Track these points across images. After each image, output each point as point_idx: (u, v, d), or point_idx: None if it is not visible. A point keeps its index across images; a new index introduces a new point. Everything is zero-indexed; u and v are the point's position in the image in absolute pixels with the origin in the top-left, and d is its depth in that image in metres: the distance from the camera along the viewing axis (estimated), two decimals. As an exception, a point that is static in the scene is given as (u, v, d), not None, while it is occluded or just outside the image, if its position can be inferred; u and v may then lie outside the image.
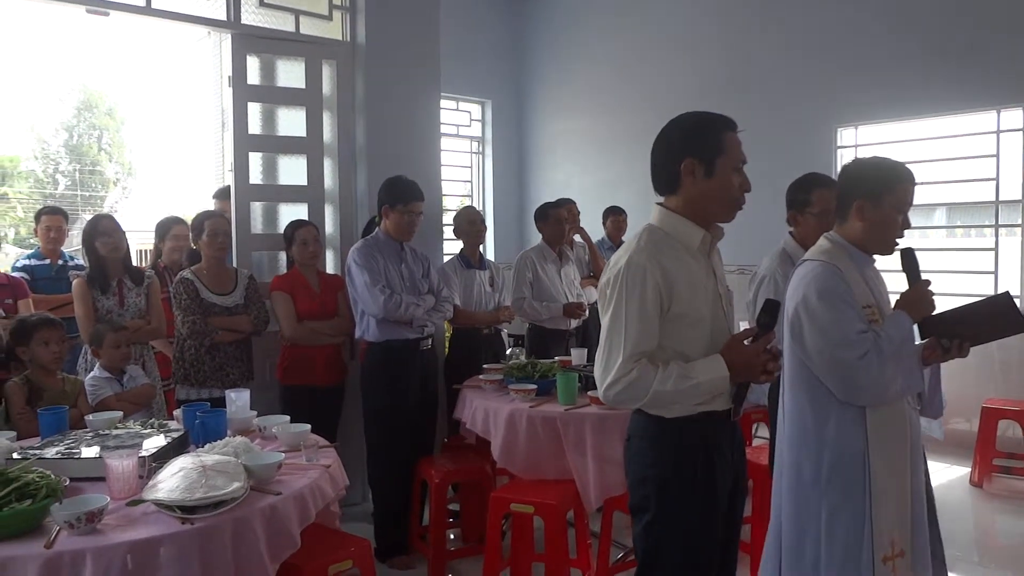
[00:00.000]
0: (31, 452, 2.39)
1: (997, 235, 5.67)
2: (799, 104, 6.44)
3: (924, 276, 2.27)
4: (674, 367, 1.93)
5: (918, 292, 2.23)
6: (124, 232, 3.99)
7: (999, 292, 2.50)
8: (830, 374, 2.13)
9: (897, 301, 2.25)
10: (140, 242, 15.70)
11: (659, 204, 2.11)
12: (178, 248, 4.61)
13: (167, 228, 4.68)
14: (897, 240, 2.26)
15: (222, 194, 4.98)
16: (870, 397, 2.12)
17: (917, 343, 2.21)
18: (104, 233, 3.84)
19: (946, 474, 5.14)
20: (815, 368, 2.17)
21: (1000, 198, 5.65)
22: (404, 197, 3.87)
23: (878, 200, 2.19)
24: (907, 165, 2.25)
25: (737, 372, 1.95)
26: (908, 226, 2.25)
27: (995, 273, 5.66)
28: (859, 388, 2.10)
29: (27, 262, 4.91)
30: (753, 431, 4.78)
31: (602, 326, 2.02)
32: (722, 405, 2.02)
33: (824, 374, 2.15)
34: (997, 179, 5.64)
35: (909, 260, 2.28)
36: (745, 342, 1.99)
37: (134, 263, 4.12)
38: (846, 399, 2.13)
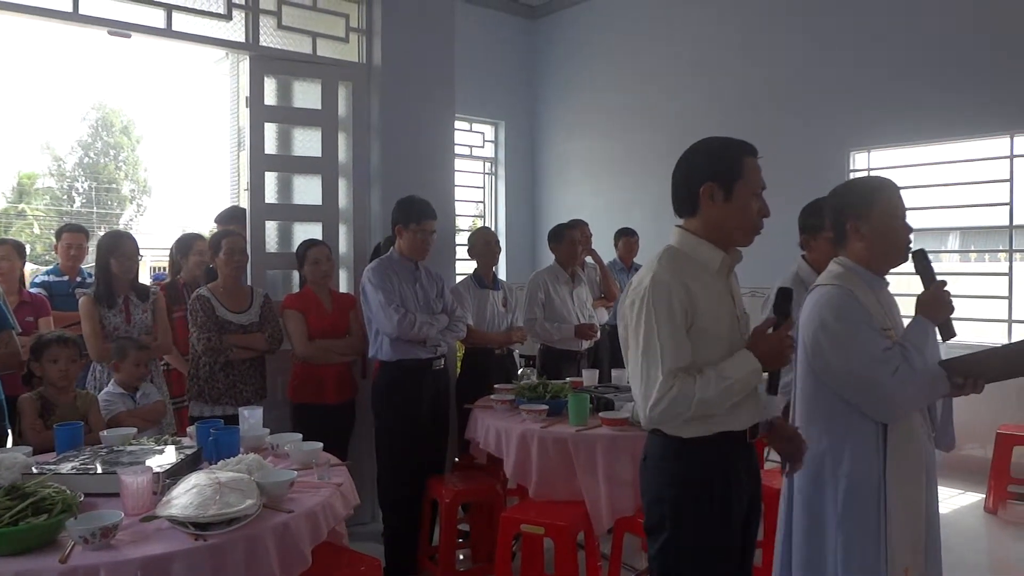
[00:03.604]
0: (47, 467, 2.41)
1: (1011, 260, 5.66)
2: (813, 128, 6.46)
3: (940, 279, 2.27)
4: (709, 372, 1.93)
5: (934, 293, 2.23)
6: (140, 256, 4.03)
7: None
8: (863, 394, 2.12)
9: (916, 305, 2.24)
10: (154, 259, 15.83)
11: (679, 226, 2.12)
12: (201, 264, 4.63)
13: (190, 244, 4.66)
14: (908, 246, 2.26)
15: (223, 218, 4.93)
16: (905, 411, 2.12)
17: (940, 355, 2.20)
18: (124, 255, 3.86)
19: (960, 501, 5.09)
20: (843, 389, 2.15)
21: (1014, 223, 5.64)
22: (417, 216, 3.90)
23: (867, 215, 2.21)
24: (920, 189, 2.26)
25: (767, 361, 1.98)
26: (910, 230, 2.25)
27: (1009, 298, 5.64)
28: (894, 403, 2.10)
29: (45, 278, 4.95)
30: (765, 454, 4.75)
31: (632, 348, 2.00)
32: (741, 425, 2.03)
33: (855, 395, 2.13)
34: (1011, 204, 5.63)
35: (922, 261, 2.28)
36: (768, 332, 2.02)
37: (148, 280, 4.16)
38: (878, 417, 2.12)
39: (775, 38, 6.76)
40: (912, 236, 2.28)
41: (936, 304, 2.21)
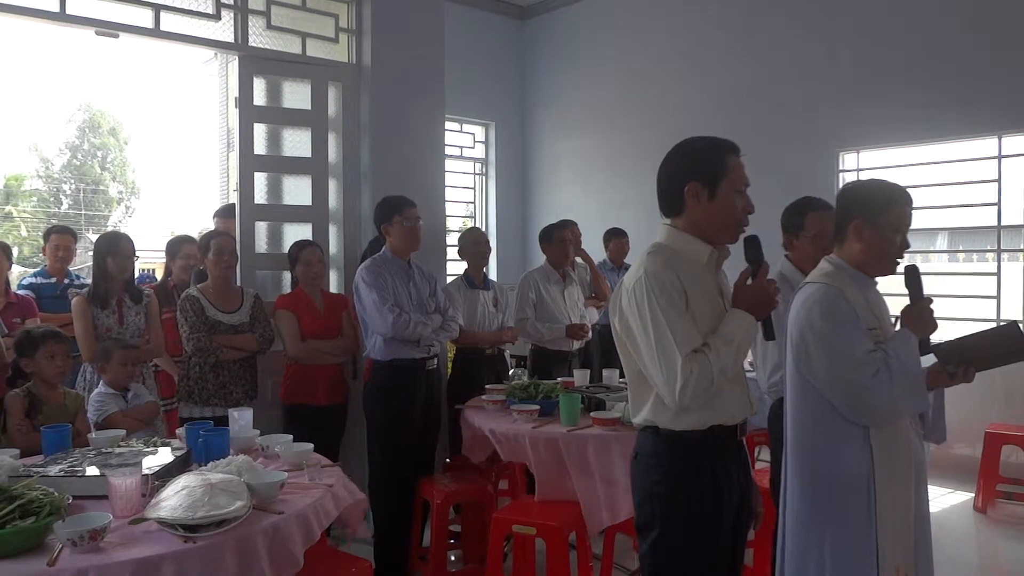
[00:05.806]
0: (34, 470, 2.39)
1: (999, 260, 5.69)
2: (802, 128, 6.48)
3: (927, 295, 2.27)
4: (714, 342, 1.96)
5: (920, 309, 2.21)
6: (137, 257, 4.05)
7: (1004, 321, 2.50)
8: (841, 394, 2.12)
9: (900, 318, 2.24)
10: (143, 262, 15.76)
11: (665, 223, 2.13)
12: (188, 267, 4.62)
13: (178, 247, 4.67)
14: (898, 260, 2.26)
15: (224, 212, 5.00)
16: (882, 416, 2.12)
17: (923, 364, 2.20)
18: (121, 255, 3.88)
19: (949, 499, 5.12)
20: (824, 389, 2.15)
21: (1002, 223, 5.68)
22: (398, 207, 3.91)
23: (875, 220, 2.19)
24: (909, 189, 2.26)
25: (755, 311, 2.03)
26: (907, 247, 2.25)
27: (997, 298, 5.67)
28: (871, 407, 2.10)
29: (33, 280, 4.93)
30: (756, 454, 4.76)
31: (641, 341, 2.00)
32: (731, 419, 2.04)
33: (834, 395, 2.14)
34: (999, 204, 5.68)
35: (912, 277, 2.26)
36: (748, 282, 2.05)
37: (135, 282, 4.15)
38: (856, 419, 2.12)
39: (765, 39, 6.78)
40: (906, 253, 2.27)
41: (921, 320, 2.19)
